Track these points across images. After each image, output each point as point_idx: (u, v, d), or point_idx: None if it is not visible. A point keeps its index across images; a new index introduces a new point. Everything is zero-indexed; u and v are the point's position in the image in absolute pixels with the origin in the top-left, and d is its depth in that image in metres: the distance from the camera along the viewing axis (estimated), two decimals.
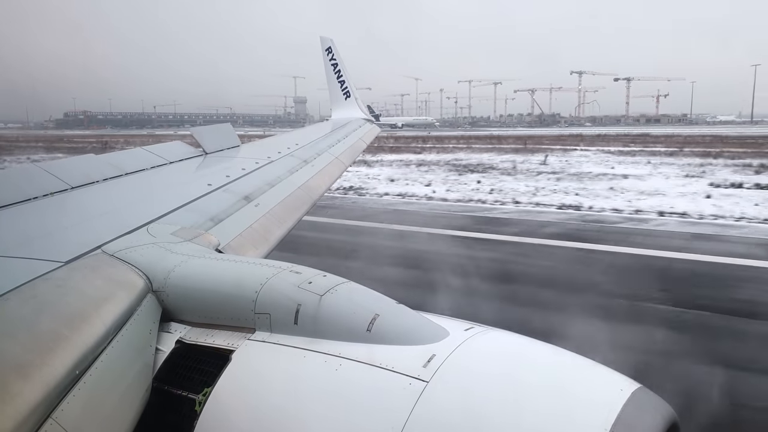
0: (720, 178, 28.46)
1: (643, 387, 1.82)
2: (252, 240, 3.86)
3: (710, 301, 10.19)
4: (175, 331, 2.39)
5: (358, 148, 8.79)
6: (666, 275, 11.93)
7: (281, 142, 7.18)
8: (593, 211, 20.05)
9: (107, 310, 2.24)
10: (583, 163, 38.53)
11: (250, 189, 4.73)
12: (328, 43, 11.83)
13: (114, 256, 2.69)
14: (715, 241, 15.27)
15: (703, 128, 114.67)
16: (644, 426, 1.68)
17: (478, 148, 55.77)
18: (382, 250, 14.25)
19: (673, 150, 48.49)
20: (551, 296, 10.74)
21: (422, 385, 1.82)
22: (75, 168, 4.36)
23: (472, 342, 1.99)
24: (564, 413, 1.69)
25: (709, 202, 21.18)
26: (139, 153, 5.28)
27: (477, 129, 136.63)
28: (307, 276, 2.32)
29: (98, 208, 3.87)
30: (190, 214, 3.77)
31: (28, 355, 1.90)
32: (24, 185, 3.81)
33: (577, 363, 1.93)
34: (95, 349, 2.07)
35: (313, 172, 6.16)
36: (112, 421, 1.99)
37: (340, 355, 2.00)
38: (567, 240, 15.48)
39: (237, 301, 2.30)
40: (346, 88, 11.94)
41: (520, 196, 23.53)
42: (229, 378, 2.09)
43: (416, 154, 49.04)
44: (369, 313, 2.10)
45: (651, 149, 50.99)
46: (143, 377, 2.17)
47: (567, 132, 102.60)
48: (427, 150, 54.85)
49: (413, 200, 23.95)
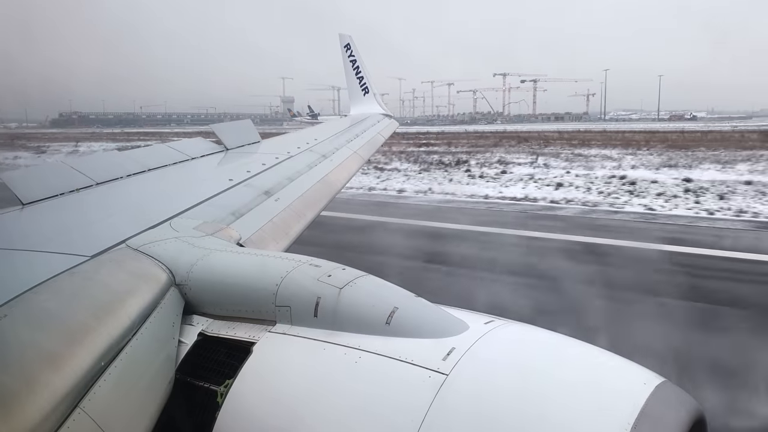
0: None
1: (668, 381, 1.78)
2: (272, 234, 3.89)
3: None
4: (198, 323, 2.42)
5: (376, 142, 8.79)
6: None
7: (301, 137, 7.22)
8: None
9: (132, 303, 2.29)
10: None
11: (270, 184, 4.77)
12: (347, 40, 11.84)
13: (138, 250, 2.73)
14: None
15: (595, 125, 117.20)
16: (668, 420, 1.64)
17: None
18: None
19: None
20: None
21: (442, 378, 1.81)
22: (100, 164, 4.45)
23: (491, 335, 1.97)
24: (586, 407, 1.66)
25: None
26: (162, 149, 5.36)
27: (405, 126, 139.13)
28: (326, 269, 2.33)
29: (122, 203, 3.95)
30: (211, 208, 3.82)
31: (56, 347, 1.95)
32: (51, 182, 3.90)
33: (598, 356, 1.90)
34: (120, 341, 2.11)
35: (332, 166, 6.17)
36: (137, 412, 2.03)
37: (360, 347, 2.00)
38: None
39: (258, 294, 2.32)
40: (365, 84, 11.93)
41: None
42: (250, 370, 2.11)
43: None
44: (388, 306, 2.10)
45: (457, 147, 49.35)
46: (166, 369, 2.20)
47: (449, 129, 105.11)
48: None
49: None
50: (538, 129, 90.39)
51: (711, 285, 10.55)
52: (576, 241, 14.17)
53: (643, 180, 24.75)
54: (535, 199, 21.21)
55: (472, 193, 23.47)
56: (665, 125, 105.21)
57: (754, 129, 67.44)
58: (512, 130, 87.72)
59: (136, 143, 54.33)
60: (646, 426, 1.60)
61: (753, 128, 70.60)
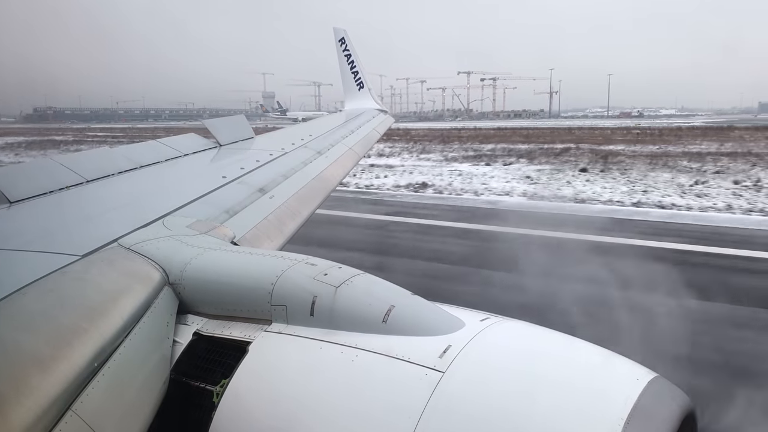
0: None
1: (660, 376, 1.80)
2: (267, 232, 3.86)
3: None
4: (192, 323, 2.39)
5: (371, 138, 8.75)
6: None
7: (295, 133, 7.17)
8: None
9: (124, 303, 2.25)
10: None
11: (265, 181, 4.73)
12: (341, 34, 11.77)
13: (130, 249, 2.70)
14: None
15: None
16: (661, 415, 1.66)
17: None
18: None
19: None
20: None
21: (438, 375, 1.81)
22: (90, 161, 4.39)
23: (487, 332, 1.97)
24: (580, 403, 1.67)
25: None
26: (154, 146, 5.31)
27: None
28: (322, 268, 2.31)
29: (114, 201, 3.90)
30: (205, 206, 3.78)
31: (47, 349, 1.91)
32: (40, 179, 3.84)
33: (592, 353, 1.91)
34: (113, 341, 2.08)
35: (327, 163, 6.14)
36: (131, 413, 2.00)
37: (356, 346, 1.99)
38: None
39: (253, 293, 2.29)
40: (360, 78, 11.88)
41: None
42: (246, 369, 2.09)
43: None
44: (384, 305, 2.08)
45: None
46: (161, 369, 2.17)
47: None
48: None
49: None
50: (471, 126, 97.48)
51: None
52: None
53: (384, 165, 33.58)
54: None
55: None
56: (573, 123, 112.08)
57: (647, 126, 75.68)
58: (443, 127, 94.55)
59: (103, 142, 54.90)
60: (639, 421, 1.61)
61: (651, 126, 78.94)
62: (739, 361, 7.46)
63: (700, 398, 3.89)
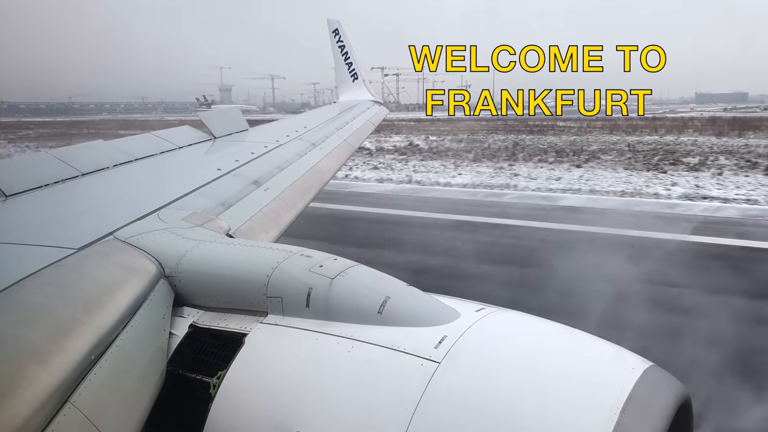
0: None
1: (655, 365, 1.81)
2: (262, 224, 3.86)
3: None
4: (188, 315, 2.40)
5: (366, 130, 8.74)
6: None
7: (290, 125, 7.15)
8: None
9: (121, 295, 2.26)
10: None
11: (260, 173, 4.72)
12: (335, 25, 11.70)
13: (126, 242, 2.70)
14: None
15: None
16: (656, 404, 1.68)
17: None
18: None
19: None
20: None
21: (434, 366, 1.82)
22: (85, 154, 4.37)
23: (483, 323, 1.98)
24: (575, 392, 1.69)
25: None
26: (149, 138, 5.28)
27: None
28: (317, 260, 2.32)
29: (109, 194, 3.89)
30: (200, 199, 3.78)
31: (44, 342, 1.92)
32: (35, 172, 3.83)
33: (588, 342, 1.93)
34: (110, 334, 2.09)
35: (321, 155, 6.13)
36: (128, 405, 2.02)
37: (352, 337, 2.00)
38: None
39: (249, 285, 2.30)
40: (354, 70, 11.82)
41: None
42: (242, 361, 2.10)
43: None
44: (380, 296, 2.09)
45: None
46: (158, 361, 2.19)
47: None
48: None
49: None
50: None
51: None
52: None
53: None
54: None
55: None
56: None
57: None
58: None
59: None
60: (634, 410, 1.62)
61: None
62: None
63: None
